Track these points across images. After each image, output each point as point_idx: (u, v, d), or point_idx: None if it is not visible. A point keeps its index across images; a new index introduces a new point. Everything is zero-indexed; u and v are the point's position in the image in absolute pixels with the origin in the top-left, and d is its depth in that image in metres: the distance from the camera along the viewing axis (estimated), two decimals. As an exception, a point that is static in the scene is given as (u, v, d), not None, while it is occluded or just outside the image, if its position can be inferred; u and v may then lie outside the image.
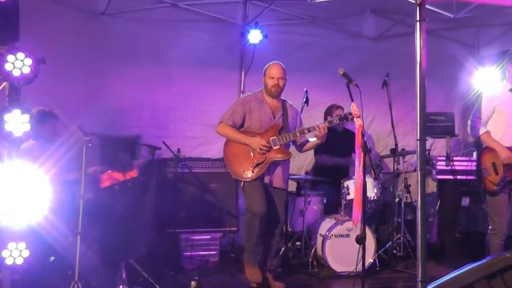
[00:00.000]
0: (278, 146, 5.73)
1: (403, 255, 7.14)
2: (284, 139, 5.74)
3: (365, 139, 4.89)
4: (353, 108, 5.07)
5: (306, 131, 5.80)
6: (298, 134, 5.80)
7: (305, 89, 6.92)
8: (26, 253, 4.09)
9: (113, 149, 6.88)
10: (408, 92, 7.83)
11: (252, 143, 5.71)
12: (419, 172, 4.27)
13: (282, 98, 6.01)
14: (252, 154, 5.73)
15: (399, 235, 7.16)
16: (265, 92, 5.95)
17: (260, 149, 5.67)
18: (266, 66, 5.99)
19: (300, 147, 6.09)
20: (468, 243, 7.14)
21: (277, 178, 5.85)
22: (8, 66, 4.03)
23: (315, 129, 5.74)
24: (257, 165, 5.70)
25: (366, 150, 4.92)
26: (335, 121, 5.85)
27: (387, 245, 7.11)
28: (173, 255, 6.97)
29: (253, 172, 5.70)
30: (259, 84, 6.06)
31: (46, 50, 4.48)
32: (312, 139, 5.98)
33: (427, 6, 4.38)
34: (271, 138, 5.72)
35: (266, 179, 5.80)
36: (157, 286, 5.60)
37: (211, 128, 7.75)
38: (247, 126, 5.85)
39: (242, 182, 5.73)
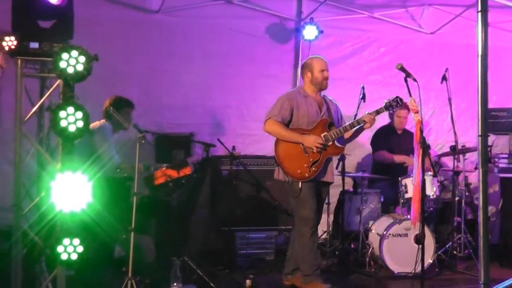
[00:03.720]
0: (331, 142, 5.52)
1: (464, 256, 6.92)
2: (336, 134, 5.52)
3: (424, 135, 4.73)
4: (411, 103, 4.92)
5: (356, 124, 5.59)
6: (348, 128, 5.58)
7: (361, 85, 6.82)
8: (80, 249, 4.11)
9: (168, 147, 6.92)
10: (468, 87, 7.70)
11: (307, 142, 5.46)
12: (480, 170, 4.11)
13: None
14: (306, 153, 5.50)
15: (459, 235, 6.92)
16: (309, 87, 5.72)
17: (316, 146, 5.43)
18: (309, 61, 5.77)
19: (347, 141, 5.90)
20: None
21: (329, 173, 5.68)
22: (62, 64, 4.06)
23: (364, 121, 5.57)
24: (313, 164, 5.47)
25: (425, 146, 4.77)
26: (382, 110, 5.67)
27: (447, 246, 6.90)
28: (228, 253, 6.97)
29: (310, 171, 5.46)
30: (315, 80, 5.87)
31: (100, 48, 4.49)
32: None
33: (488, -4, 4.21)
34: (322, 135, 5.51)
35: (321, 178, 5.61)
36: (211, 283, 5.57)
37: (266, 125, 7.77)
38: (294, 121, 5.59)
39: (300, 183, 5.47)
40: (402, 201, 6.71)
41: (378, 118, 6.36)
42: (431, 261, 6.34)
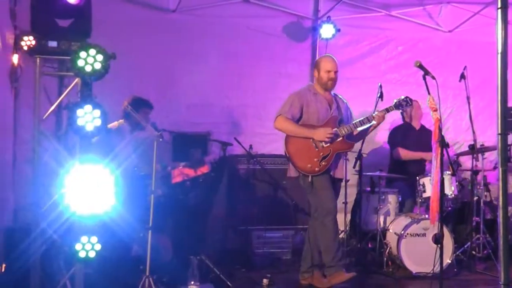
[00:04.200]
0: (340, 138, 5.59)
1: (483, 256, 6.83)
2: (346, 130, 5.60)
3: (442, 134, 4.69)
4: (430, 101, 4.85)
5: (366, 121, 5.64)
6: (358, 124, 5.65)
7: (379, 84, 6.74)
8: (98, 247, 4.13)
9: (185, 146, 6.92)
10: (486, 85, 7.62)
11: (316, 135, 5.52)
12: (500, 169, 4.05)
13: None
14: (316, 147, 5.55)
15: (478, 235, 6.84)
16: (318, 86, 5.79)
17: (327, 138, 5.48)
18: (319, 60, 5.91)
19: (356, 138, 5.90)
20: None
21: (339, 169, 5.77)
22: (80, 62, 4.08)
23: (374, 118, 5.65)
24: (323, 158, 5.53)
25: (444, 145, 4.72)
26: (391, 109, 5.78)
27: (465, 246, 6.82)
28: (245, 252, 6.97)
29: (320, 165, 5.52)
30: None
31: (118, 47, 4.50)
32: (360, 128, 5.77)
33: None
34: (332, 130, 5.57)
35: (331, 172, 5.66)
36: (228, 282, 5.58)
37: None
38: (304, 119, 5.66)
39: (310, 177, 5.55)
40: (420, 200, 6.66)
41: (393, 115, 6.37)
42: (450, 261, 6.28)
